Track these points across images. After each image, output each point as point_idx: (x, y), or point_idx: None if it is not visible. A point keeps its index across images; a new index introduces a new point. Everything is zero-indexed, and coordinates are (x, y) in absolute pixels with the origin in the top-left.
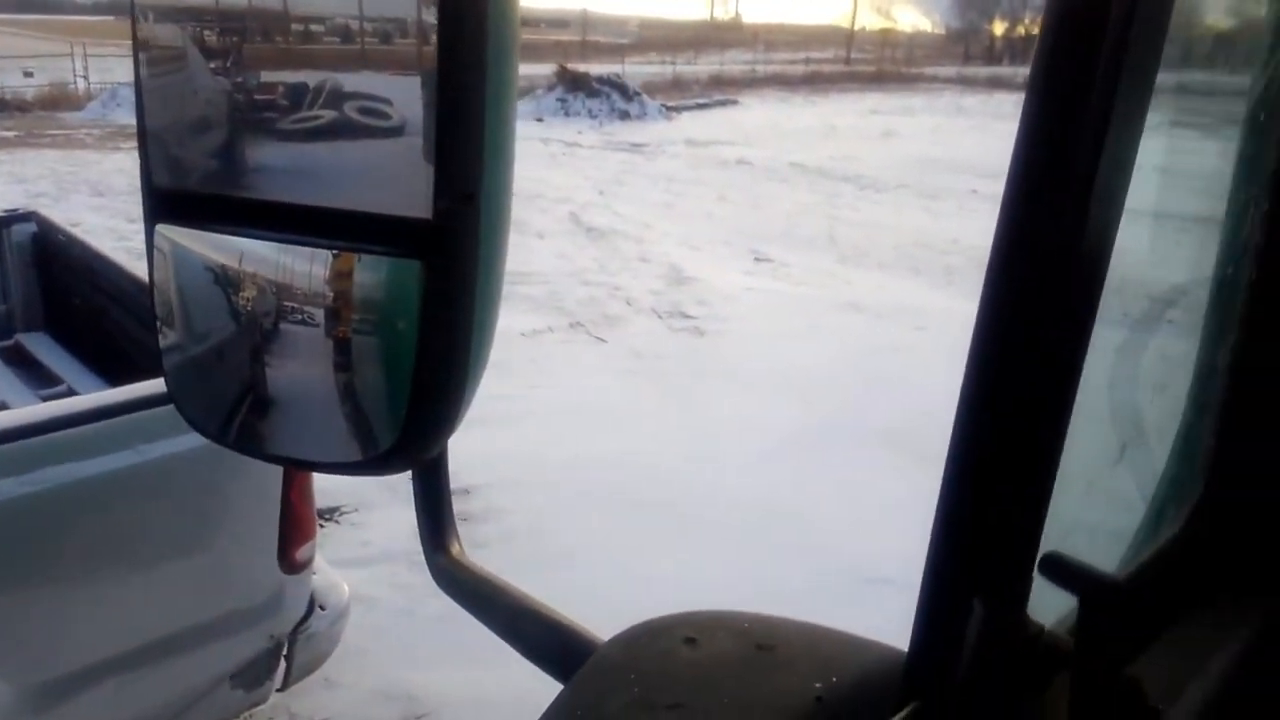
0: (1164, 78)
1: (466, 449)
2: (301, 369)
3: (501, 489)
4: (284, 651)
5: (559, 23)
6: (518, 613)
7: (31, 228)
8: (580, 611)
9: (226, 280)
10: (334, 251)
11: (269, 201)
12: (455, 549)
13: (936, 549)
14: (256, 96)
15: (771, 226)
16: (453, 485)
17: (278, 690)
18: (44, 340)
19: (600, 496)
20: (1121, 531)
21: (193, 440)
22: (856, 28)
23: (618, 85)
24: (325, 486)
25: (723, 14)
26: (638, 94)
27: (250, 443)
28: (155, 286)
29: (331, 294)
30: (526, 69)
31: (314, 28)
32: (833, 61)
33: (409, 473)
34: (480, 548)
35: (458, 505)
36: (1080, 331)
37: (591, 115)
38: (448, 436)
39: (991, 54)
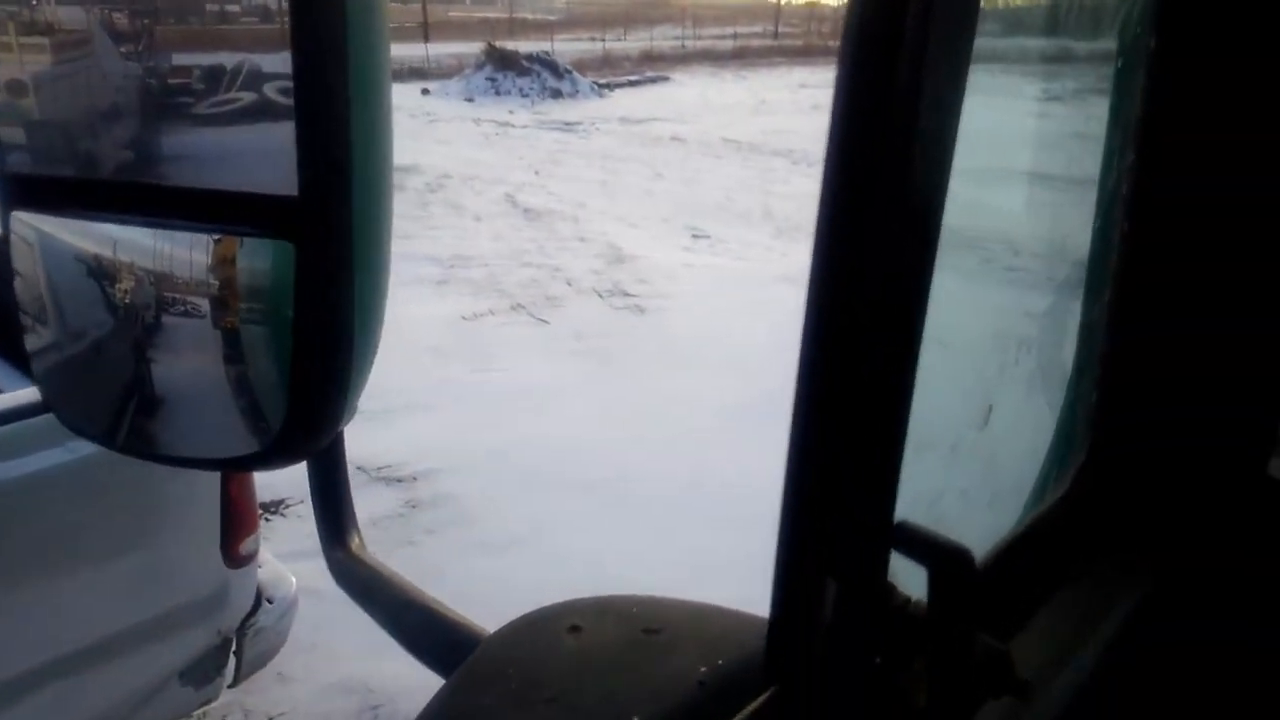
0: (1037, 43)
1: (412, 433)
2: (188, 362)
3: (449, 474)
4: (233, 647)
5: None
6: (408, 607)
7: None
8: (533, 590)
9: (100, 270)
10: (213, 237)
11: (136, 183)
12: (354, 543)
13: (787, 527)
14: (157, 80)
15: (707, 202)
16: (401, 472)
17: (229, 686)
18: None
19: (548, 478)
20: (1004, 498)
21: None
22: (783, 2)
23: (548, 63)
24: (268, 480)
25: None
26: (569, 71)
27: (139, 444)
28: (18, 279)
29: (216, 282)
30: (454, 48)
31: (230, 7)
32: (761, 36)
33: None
34: (431, 533)
35: (407, 492)
36: (915, 297)
37: (523, 94)
38: (340, 424)
39: None
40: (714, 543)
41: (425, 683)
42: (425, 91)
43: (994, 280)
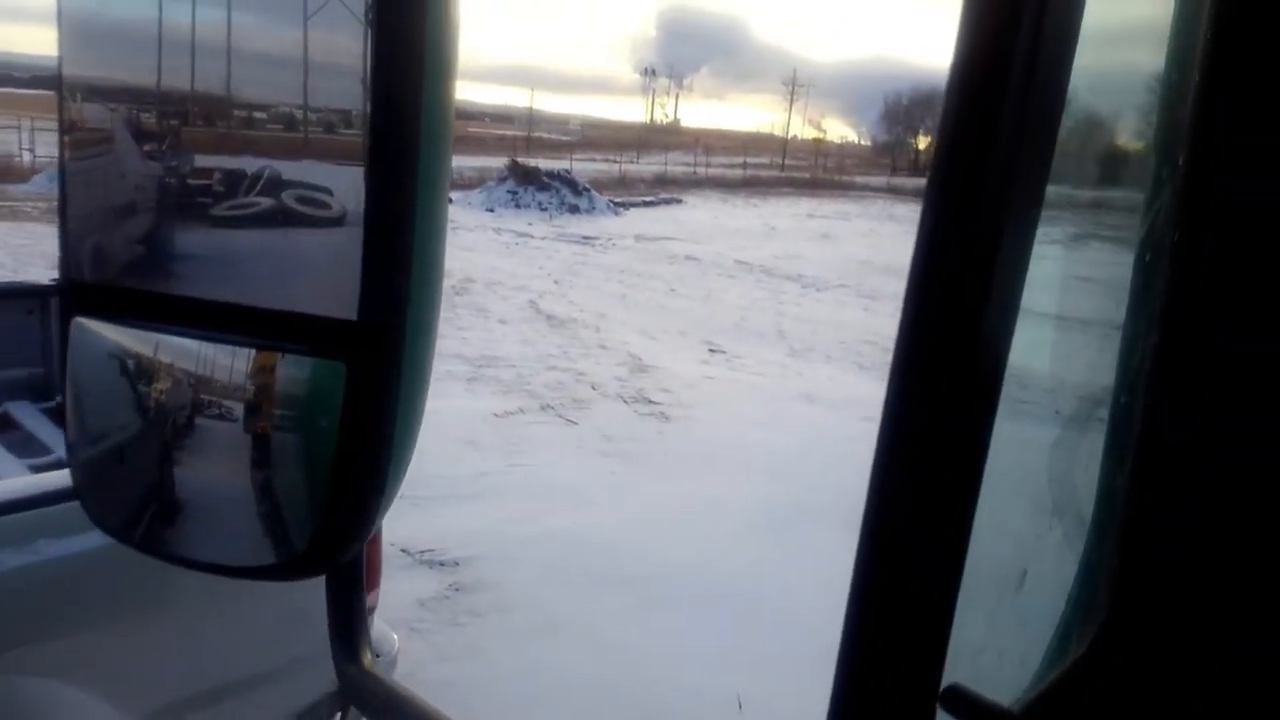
0: (1062, 191)
1: (453, 521)
2: (215, 466)
3: (490, 562)
4: (334, 701)
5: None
6: None
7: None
8: (572, 671)
9: (141, 374)
10: (256, 349)
11: (191, 298)
12: (367, 659)
13: (841, 682)
14: (190, 181)
15: (723, 319)
16: (444, 556)
17: None
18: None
19: (587, 571)
20: (1030, 656)
21: None
22: (790, 137)
23: (567, 180)
24: None
25: (661, 117)
26: (587, 189)
27: (156, 544)
28: (69, 381)
29: (253, 389)
30: (476, 161)
31: (257, 114)
32: (768, 167)
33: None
34: (478, 617)
35: (451, 576)
36: (976, 455)
37: (541, 208)
38: (364, 540)
39: (916, 166)
40: (748, 643)
41: None
42: (449, 201)
43: (1035, 445)
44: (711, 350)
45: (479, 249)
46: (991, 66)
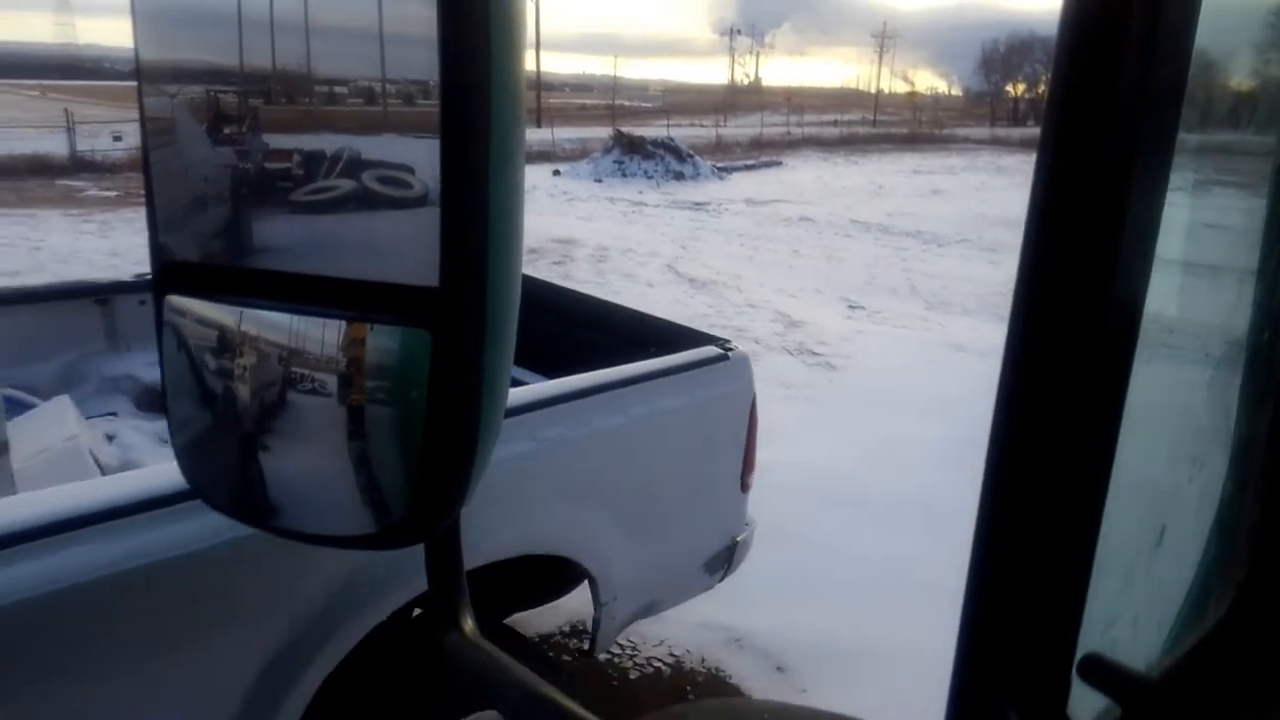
0: (1187, 139)
1: None
2: (312, 438)
3: None
4: (732, 551)
5: (583, 86)
6: (526, 696)
7: None
8: (810, 573)
9: (236, 350)
10: (347, 321)
11: (277, 272)
12: (468, 626)
13: (965, 650)
14: (270, 165)
15: (852, 277)
16: None
17: (719, 580)
18: None
19: (804, 494)
20: (1166, 620)
21: (687, 397)
22: (873, 91)
23: (671, 148)
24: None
25: (742, 78)
26: (691, 155)
27: (261, 517)
28: (164, 359)
29: (345, 360)
30: (569, 133)
31: (335, 90)
32: (861, 123)
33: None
34: None
35: None
36: (1111, 410)
37: (647, 176)
38: (460, 506)
39: (1016, 115)
40: (946, 549)
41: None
42: (556, 173)
43: (1172, 395)
44: (851, 306)
45: (599, 218)
46: (1111, 6)
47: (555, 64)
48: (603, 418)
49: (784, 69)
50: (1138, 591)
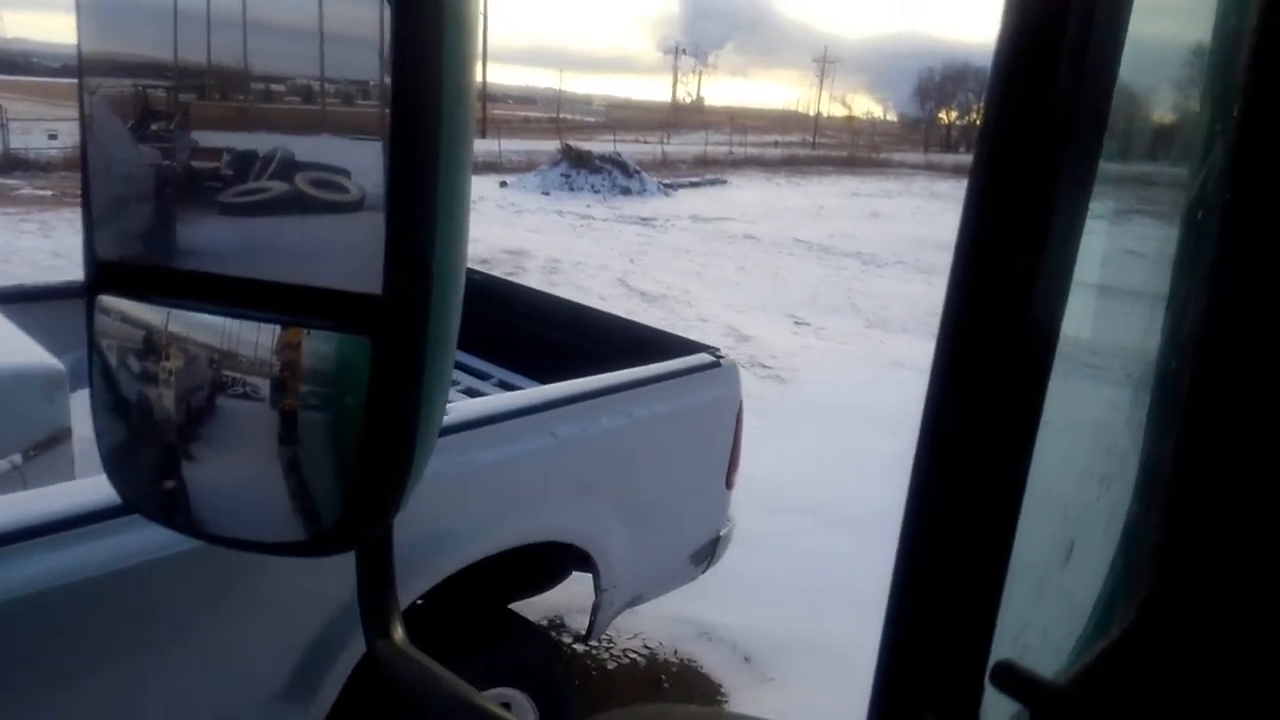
0: (1108, 168)
1: None
2: (242, 443)
3: None
4: (715, 544)
5: (526, 99)
6: (458, 706)
7: None
8: (769, 574)
9: (168, 352)
10: (284, 326)
11: (214, 274)
12: (398, 634)
13: (886, 659)
14: (205, 165)
15: (796, 295)
16: None
17: (702, 572)
18: None
19: (762, 502)
20: (1074, 630)
21: (682, 401)
22: (813, 113)
23: (618, 163)
24: None
25: (684, 96)
26: (637, 171)
27: (187, 522)
28: (94, 358)
29: (278, 364)
30: (516, 145)
31: (271, 88)
32: (801, 145)
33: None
34: None
35: None
36: (1028, 427)
37: (594, 190)
38: (394, 514)
39: (948, 142)
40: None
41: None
42: (504, 184)
43: (1084, 415)
44: (797, 322)
45: (547, 230)
46: (1041, 40)
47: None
48: (610, 418)
49: (726, 89)
50: (1048, 603)
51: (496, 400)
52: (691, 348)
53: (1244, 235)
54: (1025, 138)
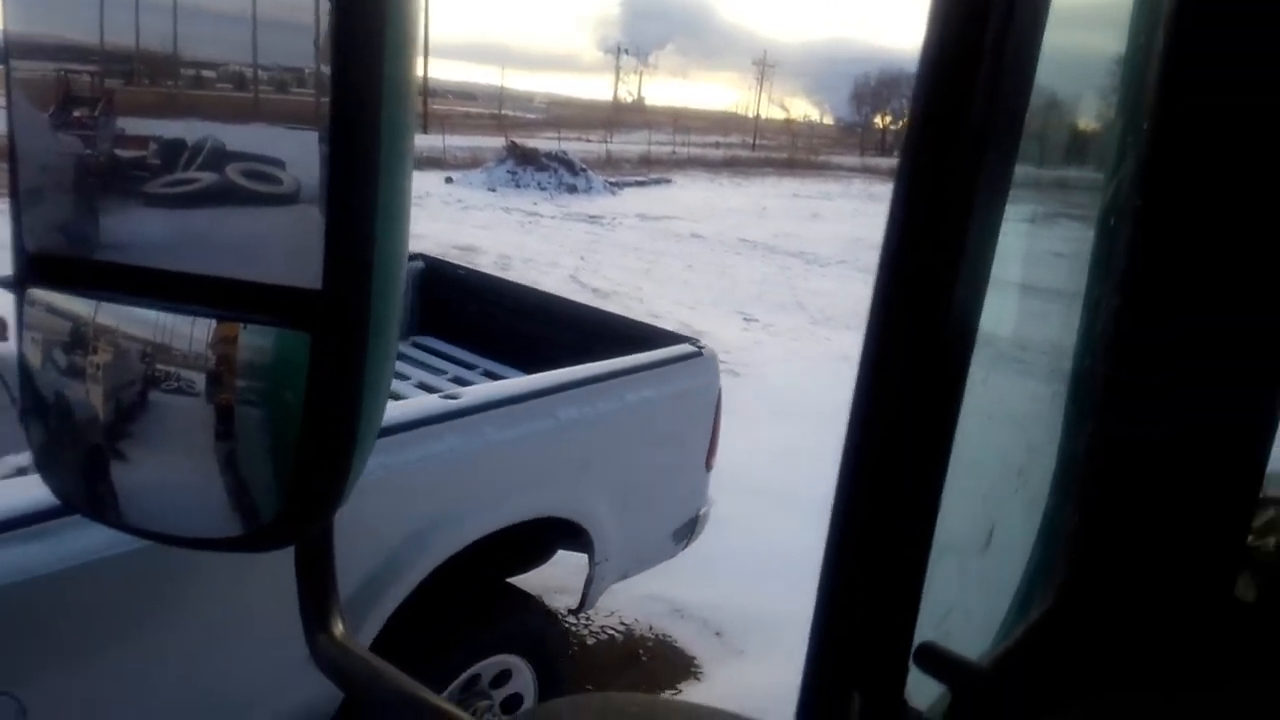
0: (1028, 172)
1: None
2: (177, 438)
3: None
4: (695, 523)
5: (466, 95)
6: (398, 698)
7: (420, 265)
8: (732, 554)
9: (99, 345)
10: (221, 320)
11: (147, 268)
12: (339, 629)
13: (816, 641)
14: (130, 153)
15: (743, 292)
16: None
17: (683, 549)
18: (437, 342)
19: (725, 485)
20: (996, 614)
21: (667, 387)
22: (752, 116)
23: (565, 161)
24: None
25: (625, 95)
26: (584, 169)
27: (122, 518)
28: (22, 352)
29: (214, 359)
30: (460, 141)
31: (201, 73)
32: (741, 147)
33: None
34: None
35: None
36: (948, 416)
37: (541, 188)
38: (335, 509)
39: (883, 145)
40: None
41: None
42: (449, 180)
43: (1002, 407)
44: (746, 319)
45: (496, 227)
46: (962, 49)
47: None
48: (605, 402)
49: (667, 90)
50: (969, 587)
51: (506, 385)
52: (673, 339)
53: (1153, 243)
54: (945, 141)
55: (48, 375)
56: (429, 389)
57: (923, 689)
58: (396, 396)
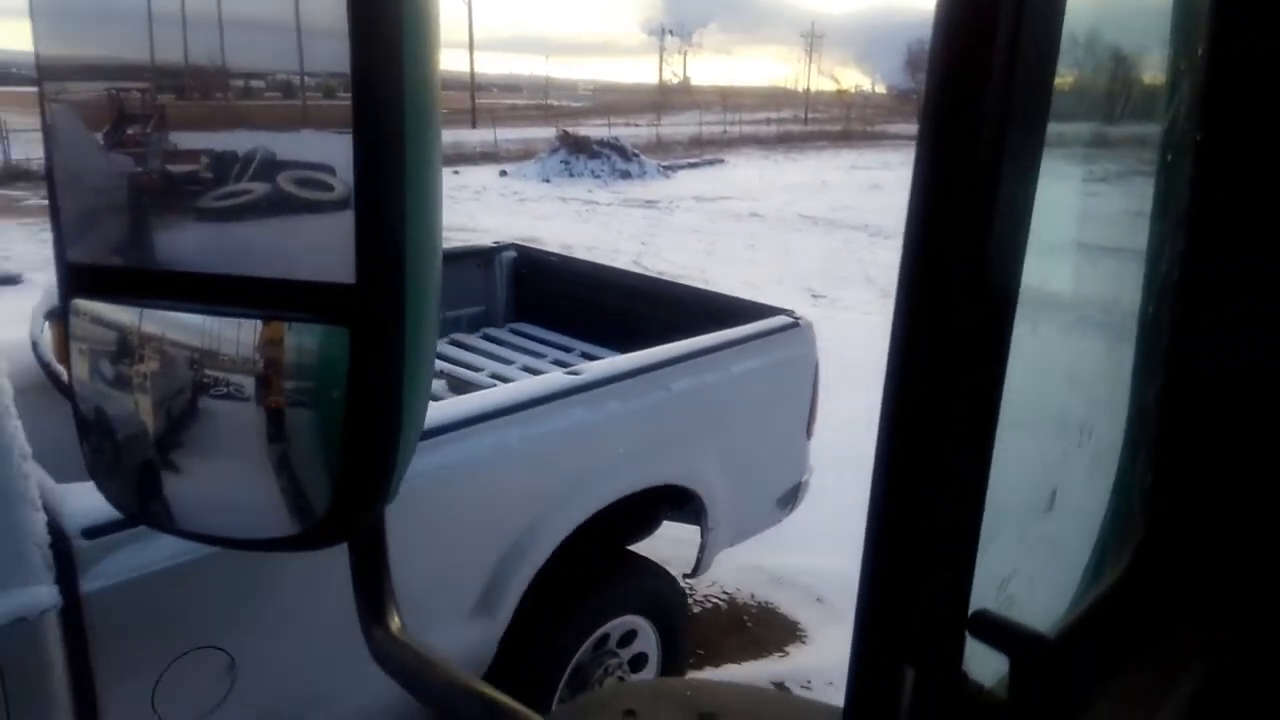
0: (1078, 120)
1: None
2: (231, 442)
3: None
4: (798, 490)
5: (511, 87)
6: (455, 691)
7: (512, 254)
8: (826, 524)
9: (149, 353)
10: (262, 320)
11: (188, 273)
12: (394, 624)
13: (864, 611)
14: (175, 168)
15: (808, 268)
16: None
17: (787, 515)
18: (532, 327)
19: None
20: (1063, 580)
21: (768, 358)
22: (801, 89)
23: (617, 147)
24: None
25: (670, 77)
26: (636, 154)
27: (179, 524)
28: (73, 363)
29: (262, 361)
30: (509, 134)
31: (249, 84)
32: (793, 121)
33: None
34: None
35: None
36: (994, 382)
37: (595, 175)
38: (384, 504)
39: None
40: None
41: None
42: (503, 173)
43: (1057, 364)
44: (814, 295)
45: (555, 217)
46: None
47: (481, 63)
48: (712, 374)
49: (712, 68)
50: (1032, 553)
51: (624, 359)
52: (766, 311)
53: (1214, 175)
54: (967, 102)
55: (97, 386)
56: (534, 371)
57: (984, 661)
58: (472, 387)
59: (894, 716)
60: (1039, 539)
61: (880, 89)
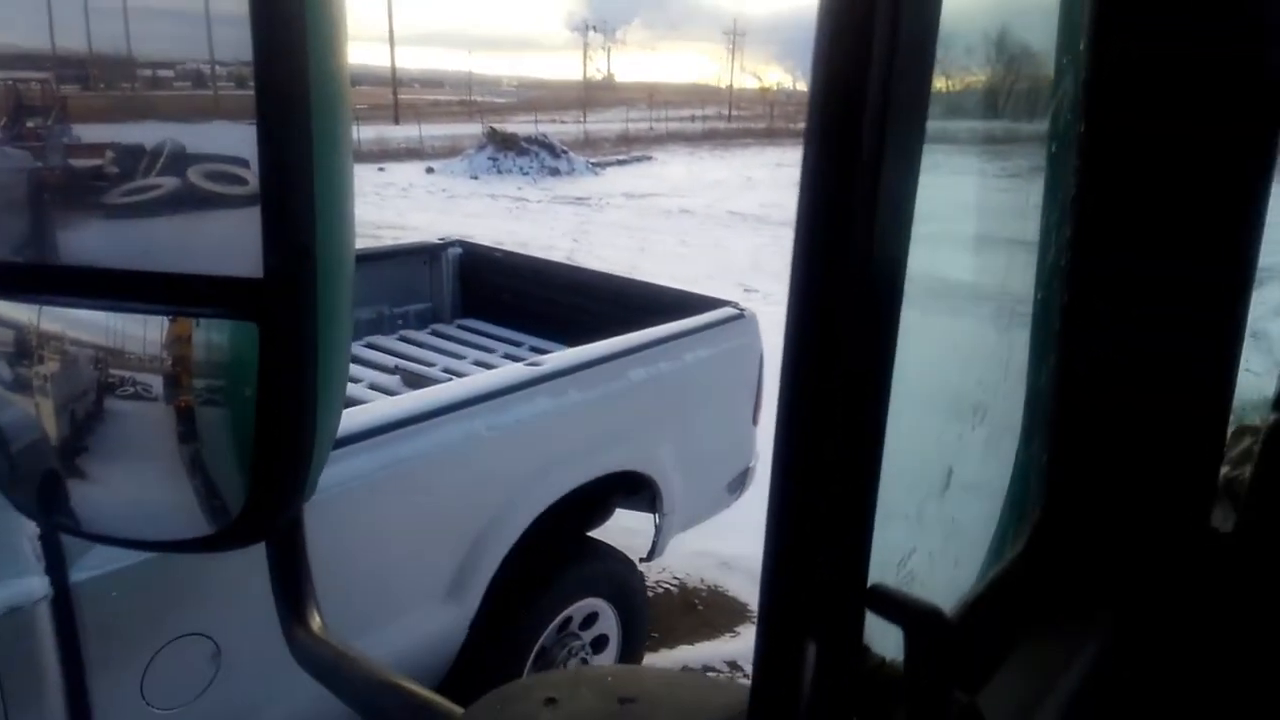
0: (974, 123)
1: None
2: (140, 442)
3: None
4: (746, 475)
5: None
6: (376, 688)
7: (458, 250)
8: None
9: (47, 353)
10: (168, 316)
11: (91, 268)
12: (315, 623)
13: (768, 589)
14: (78, 163)
15: (739, 263)
16: None
17: (735, 500)
18: (480, 323)
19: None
20: (967, 558)
21: (715, 348)
22: (724, 86)
23: (545, 144)
24: None
25: (594, 73)
26: (565, 151)
27: (90, 527)
28: None
29: (170, 359)
30: (436, 130)
31: (163, 73)
32: (718, 119)
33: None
34: None
35: None
36: (882, 368)
37: (523, 172)
38: (301, 502)
39: None
40: None
41: None
42: (430, 170)
43: (950, 349)
44: (746, 289)
45: (485, 215)
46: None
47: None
48: (666, 363)
49: (636, 65)
50: (931, 532)
51: (582, 350)
52: (714, 304)
53: (1097, 162)
54: (851, 92)
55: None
56: (486, 366)
57: (886, 636)
58: (428, 381)
59: (797, 690)
60: (939, 518)
61: (801, 86)
